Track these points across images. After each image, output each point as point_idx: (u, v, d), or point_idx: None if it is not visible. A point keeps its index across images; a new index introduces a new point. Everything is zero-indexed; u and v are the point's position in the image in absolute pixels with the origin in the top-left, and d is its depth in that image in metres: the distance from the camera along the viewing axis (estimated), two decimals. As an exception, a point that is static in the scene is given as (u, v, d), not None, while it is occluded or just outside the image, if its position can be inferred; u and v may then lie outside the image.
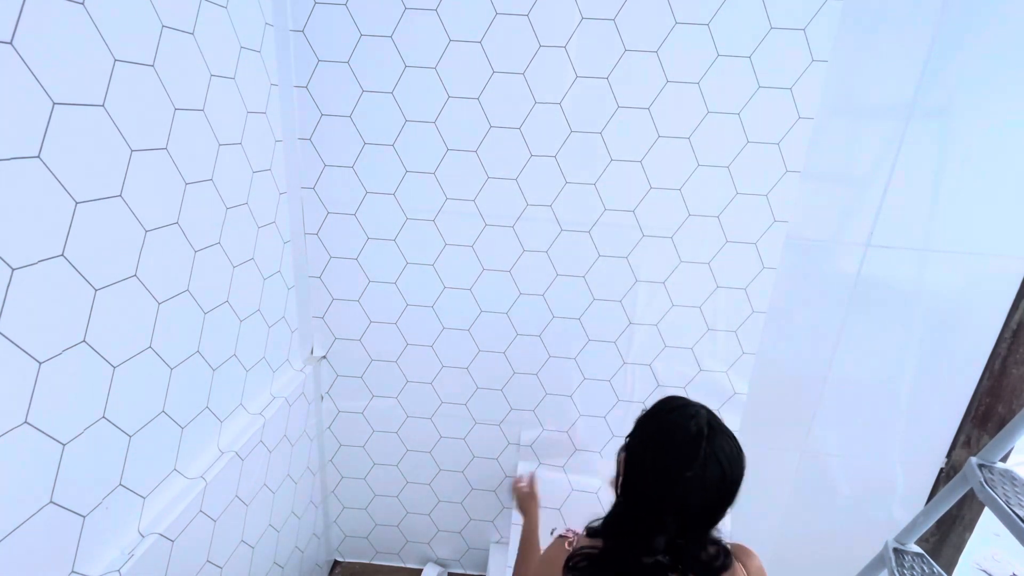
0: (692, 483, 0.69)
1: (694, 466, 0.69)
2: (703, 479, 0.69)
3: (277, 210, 1.21)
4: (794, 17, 1.11)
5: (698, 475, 0.69)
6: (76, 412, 0.72)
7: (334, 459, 1.61)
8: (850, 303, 1.36)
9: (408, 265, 1.36)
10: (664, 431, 0.74)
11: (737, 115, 1.18)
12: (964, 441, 1.46)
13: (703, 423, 0.72)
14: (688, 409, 0.75)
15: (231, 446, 1.07)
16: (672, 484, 0.70)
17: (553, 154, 1.24)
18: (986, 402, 1.41)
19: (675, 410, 0.76)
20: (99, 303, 0.73)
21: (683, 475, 0.69)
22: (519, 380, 1.46)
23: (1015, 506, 0.92)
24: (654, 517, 0.72)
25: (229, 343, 1.07)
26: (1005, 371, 1.37)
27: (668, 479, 0.71)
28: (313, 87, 1.21)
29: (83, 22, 0.67)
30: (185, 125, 0.86)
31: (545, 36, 1.15)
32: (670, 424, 0.74)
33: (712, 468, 0.70)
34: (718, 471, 0.70)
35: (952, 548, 1.57)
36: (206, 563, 1.01)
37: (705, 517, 0.73)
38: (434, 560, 1.78)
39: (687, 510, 0.71)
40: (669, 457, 0.71)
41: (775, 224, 1.26)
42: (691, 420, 0.73)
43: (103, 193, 0.72)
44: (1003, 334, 1.35)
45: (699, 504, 0.71)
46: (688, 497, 0.70)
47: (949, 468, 1.50)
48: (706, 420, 0.73)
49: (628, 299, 1.35)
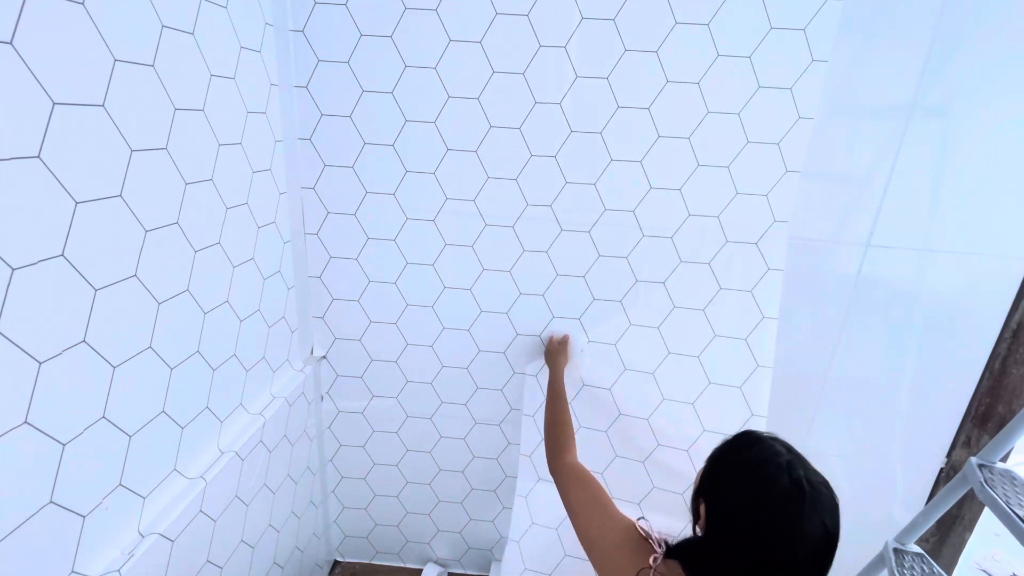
0: (798, 536, 0.63)
1: (798, 515, 0.63)
2: (805, 534, 0.63)
3: (277, 210, 1.21)
4: (794, 17, 1.11)
5: (802, 527, 0.62)
6: (76, 412, 0.72)
7: (334, 459, 1.61)
8: (850, 303, 1.36)
9: (408, 265, 1.36)
10: (759, 479, 0.67)
11: (737, 115, 1.18)
12: (964, 441, 1.46)
13: (797, 466, 0.66)
14: (775, 445, 0.70)
15: (231, 446, 1.07)
16: (779, 538, 0.63)
17: (553, 154, 1.24)
18: (986, 402, 1.41)
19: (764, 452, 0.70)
20: (99, 303, 0.73)
21: (785, 536, 0.63)
22: (519, 380, 1.46)
23: (1015, 506, 0.92)
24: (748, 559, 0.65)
25: (229, 343, 1.07)
26: (1005, 371, 1.37)
27: (774, 533, 0.63)
28: (313, 87, 1.21)
29: (83, 22, 0.67)
30: (185, 125, 0.86)
31: (545, 36, 1.15)
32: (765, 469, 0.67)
33: (815, 521, 0.63)
34: (820, 527, 0.63)
35: (952, 548, 1.57)
36: (206, 563, 1.01)
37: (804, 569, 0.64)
38: (434, 560, 1.78)
39: (788, 564, 0.63)
40: (769, 508, 0.64)
41: (775, 224, 1.26)
42: (784, 472, 0.66)
43: (103, 193, 0.72)
44: (1003, 334, 1.35)
45: (801, 558, 0.63)
46: (797, 552, 0.63)
47: (949, 468, 1.50)
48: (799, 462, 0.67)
49: (628, 299, 1.35)
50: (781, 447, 0.70)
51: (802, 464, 0.68)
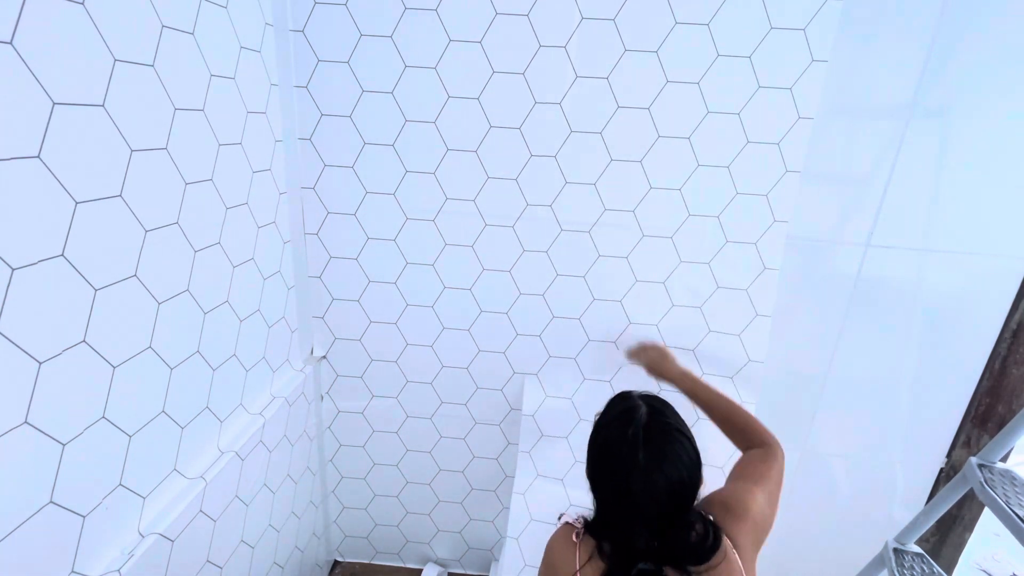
0: (642, 489, 0.70)
1: (635, 476, 0.70)
2: (652, 483, 0.70)
3: (277, 210, 1.21)
4: (794, 17, 1.11)
5: (647, 483, 0.70)
6: (76, 412, 0.72)
7: (334, 459, 1.61)
8: (850, 303, 1.36)
9: (408, 265, 1.36)
10: (603, 444, 0.76)
11: (737, 115, 1.18)
12: (964, 441, 1.46)
13: (640, 425, 0.73)
14: (627, 413, 0.76)
15: (231, 446, 1.07)
16: (626, 494, 0.71)
17: (553, 154, 1.24)
18: (986, 402, 1.41)
19: (614, 418, 0.77)
20: (99, 303, 0.73)
21: (630, 487, 0.70)
22: (519, 380, 1.46)
23: (1015, 506, 0.92)
24: (624, 525, 0.73)
25: (229, 343, 1.07)
26: (1005, 371, 1.37)
27: (619, 490, 0.72)
28: (313, 87, 1.21)
29: (83, 22, 0.67)
30: (185, 125, 0.86)
31: (545, 36, 1.15)
32: (607, 436, 0.76)
33: (655, 472, 0.70)
34: (662, 474, 0.70)
35: (952, 548, 1.57)
36: (206, 563, 1.01)
37: (673, 508, 0.72)
38: (434, 560, 1.78)
39: (650, 511, 0.71)
40: (613, 469, 0.73)
41: (775, 224, 1.26)
42: (628, 425, 0.73)
43: (103, 193, 0.72)
44: (1003, 334, 1.35)
45: (656, 506, 0.71)
46: (645, 502, 0.70)
47: (949, 468, 1.50)
48: (643, 420, 0.74)
49: (628, 299, 1.35)
50: (643, 406, 0.76)
51: (655, 419, 0.74)
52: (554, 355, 1.43)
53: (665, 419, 0.76)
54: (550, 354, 1.43)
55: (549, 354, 1.43)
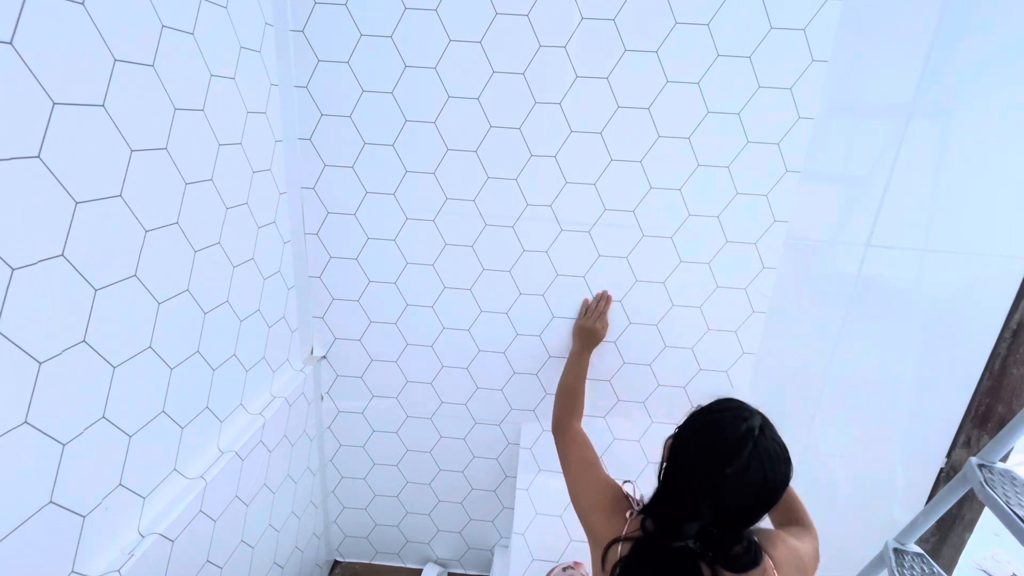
0: (731, 481, 0.71)
1: (735, 463, 0.70)
2: (743, 479, 0.71)
3: (277, 210, 1.21)
4: (794, 17, 1.11)
5: (738, 474, 0.70)
6: (76, 412, 0.72)
7: (334, 459, 1.61)
8: (850, 303, 1.36)
9: (408, 265, 1.36)
10: (713, 426, 0.76)
11: (737, 115, 1.18)
12: (964, 441, 1.46)
13: (755, 426, 0.74)
14: (743, 411, 0.77)
15: (231, 446, 1.07)
16: (712, 477, 0.72)
17: (553, 154, 1.24)
18: (986, 402, 1.41)
19: (730, 410, 0.78)
20: (99, 303, 0.73)
21: (723, 471, 0.71)
22: (519, 380, 1.46)
23: (1015, 506, 0.92)
24: (690, 505, 0.73)
25: (229, 343, 1.07)
26: (1005, 371, 1.37)
27: (709, 472, 0.72)
28: (313, 87, 1.21)
29: (83, 22, 0.67)
30: (185, 125, 0.86)
31: (545, 36, 1.15)
32: (721, 421, 0.76)
33: (754, 470, 0.71)
34: (760, 475, 0.71)
35: (952, 548, 1.57)
36: (206, 563, 1.01)
37: (741, 515, 0.74)
38: (434, 560, 1.78)
39: (723, 505, 0.72)
40: (714, 450, 0.73)
41: (775, 224, 1.26)
42: (743, 421, 0.74)
43: (103, 193, 0.72)
44: (1003, 334, 1.35)
45: (735, 502, 0.72)
46: (725, 493, 0.71)
47: (949, 468, 1.50)
48: (759, 424, 0.74)
49: (628, 299, 1.35)
50: (757, 414, 0.77)
51: (767, 426, 0.75)
52: (554, 355, 1.43)
53: (777, 436, 0.76)
54: (550, 354, 1.43)
55: (549, 354, 1.43)
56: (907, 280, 1.34)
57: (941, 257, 1.30)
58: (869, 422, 1.48)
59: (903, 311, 1.36)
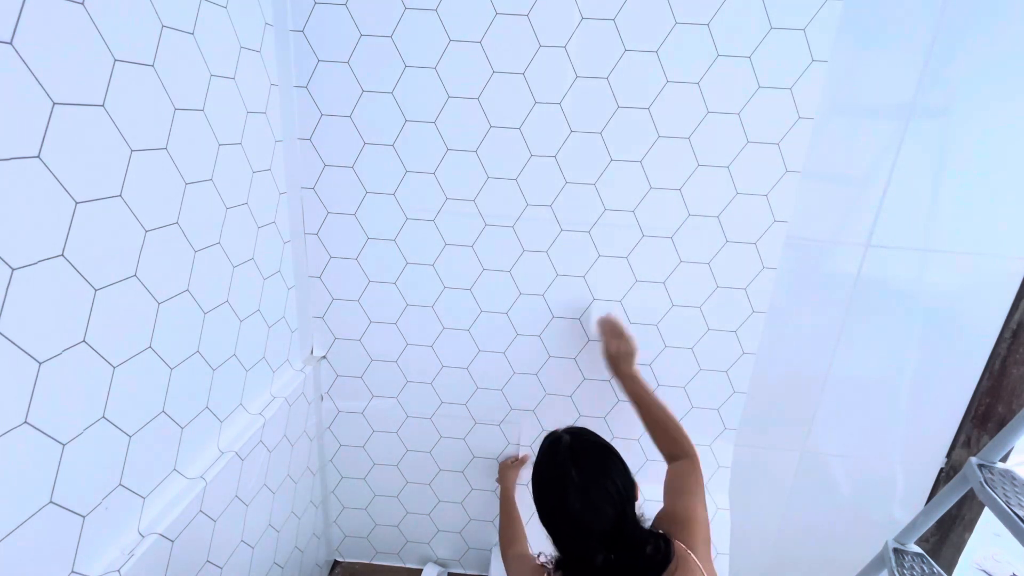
0: (584, 512, 0.76)
1: (571, 498, 0.76)
2: (589, 501, 0.76)
3: (277, 210, 1.21)
4: (794, 17, 1.11)
5: (584, 502, 0.76)
6: (76, 412, 0.72)
7: (334, 459, 1.61)
8: (850, 303, 1.36)
9: (408, 265, 1.36)
10: (538, 480, 0.83)
11: (737, 115, 1.18)
12: (964, 441, 1.46)
13: (566, 450, 0.81)
14: (554, 444, 0.84)
15: (231, 446, 1.07)
16: (571, 521, 0.77)
17: (553, 154, 1.24)
18: (986, 402, 1.41)
19: (541, 455, 0.85)
20: (99, 303, 0.73)
21: (571, 509, 0.76)
22: (519, 380, 1.46)
23: (1015, 506, 0.92)
24: (578, 547, 0.78)
25: (229, 343, 1.07)
26: (1005, 371, 1.37)
27: (564, 516, 0.77)
28: (313, 87, 1.21)
29: (83, 22, 0.67)
30: (185, 125, 0.86)
31: (545, 36, 1.15)
32: (538, 472, 0.84)
33: (593, 489, 0.76)
34: (601, 488, 0.77)
35: (952, 548, 1.57)
36: (206, 563, 1.01)
37: (615, 523, 0.77)
38: (434, 560, 1.78)
39: (599, 530, 0.76)
40: (551, 502, 0.79)
41: (775, 224, 1.26)
42: (552, 456, 0.81)
43: (103, 193, 0.72)
44: (1003, 334, 1.35)
45: (601, 520, 0.76)
46: (591, 523, 0.76)
47: (949, 468, 1.50)
48: (568, 445, 0.82)
49: (628, 299, 1.35)
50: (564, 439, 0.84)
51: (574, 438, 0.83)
52: (554, 355, 1.43)
53: (587, 438, 0.83)
54: (550, 354, 1.43)
55: (549, 354, 1.43)
56: (907, 280, 1.33)
57: (941, 257, 1.30)
58: (869, 422, 1.48)
59: (903, 311, 1.36)
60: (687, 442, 1.06)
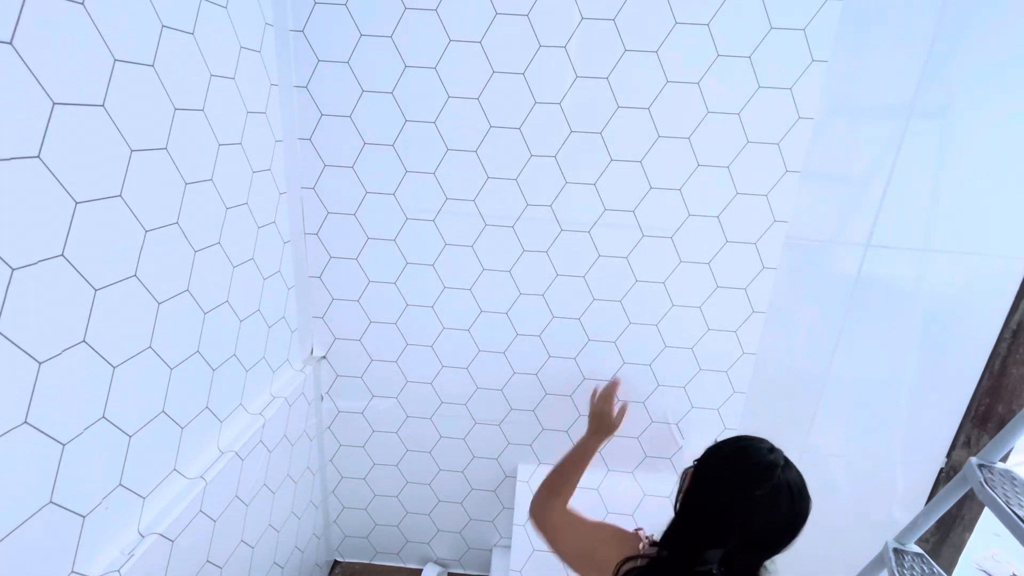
0: (760, 504, 0.70)
1: (765, 486, 0.70)
2: (772, 503, 0.71)
3: (277, 210, 1.21)
4: (794, 17, 1.11)
5: (767, 497, 0.70)
6: (76, 412, 0.72)
7: (334, 459, 1.61)
8: (850, 303, 1.36)
9: (408, 265, 1.36)
10: (742, 452, 0.77)
11: (737, 115, 1.18)
12: (964, 441, 1.46)
13: (780, 457, 0.75)
14: (767, 443, 0.78)
15: (231, 446, 1.07)
16: (741, 499, 0.71)
17: (553, 154, 1.24)
18: (986, 402, 1.41)
19: (755, 440, 0.79)
20: (99, 303, 0.73)
21: (753, 493, 0.71)
22: (519, 380, 1.46)
23: (1015, 506, 0.92)
24: (716, 530, 0.72)
25: (229, 343, 1.07)
26: (1005, 371, 1.37)
27: (738, 493, 0.72)
28: (313, 87, 1.21)
29: (83, 22, 0.67)
30: (185, 125, 0.86)
31: (545, 36, 1.15)
32: (749, 448, 0.77)
33: (783, 496, 0.71)
34: (787, 502, 0.71)
35: (952, 548, 1.57)
36: (206, 563, 1.01)
37: (765, 543, 0.73)
38: (434, 560, 1.78)
39: (749, 530, 0.71)
40: (744, 473, 0.73)
41: (775, 224, 1.26)
42: (769, 452, 0.76)
43: (103, 193, 0.72)
44: (1003, 334, 1.35)
45: (761, 527, 0.71)
46: (753, 517, 0.71)
47: (949, 468, 1.50)
48: (783, 458, 0.76)
49: (628, 299, 1.35)
50: (777, 448, 0.78)
51: (789, 461, 0.76)
52: (554, 355, 1.43)
53: (800, 473, 0.76)
54: (550, 354, 1.43)
55: (549, 354, 1.43)
56: (907, 280, 1.33)
57: (941, 257, 1.30)
58: (869, 422, 1.48)
59: (903, 311, 1.36)
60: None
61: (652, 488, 1.52)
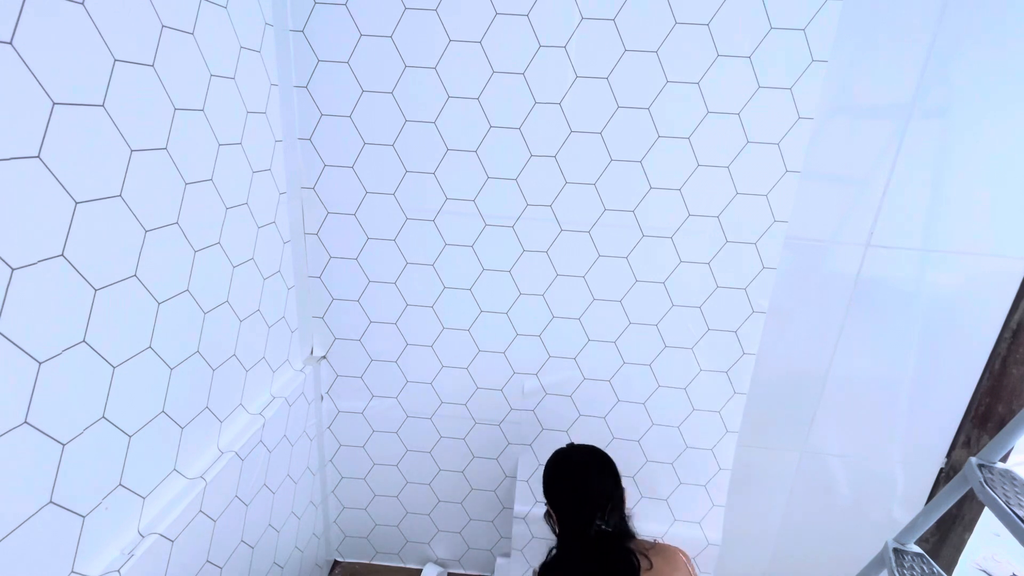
0: (577, 477, 1.02)
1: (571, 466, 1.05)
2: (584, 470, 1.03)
3: (277, 210, 1.21)
4: (794, 17, 1.11)
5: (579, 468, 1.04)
6: (76, 412, 0.72)
7: (334, 459, 1.61)
8: (850, 303, 1.36)
9: (408, 265, 1.36)
10: (550, 463, 1.08)
11: (737, 115, 1.18)
12: (964, 441, 1.46)
13: (567, 446, 1.10)
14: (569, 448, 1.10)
15: (231, 446, 1.07)
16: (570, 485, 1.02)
17: (553, 154, 1.24)
18: (986, 402, 1.41)
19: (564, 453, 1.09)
20: (99, 303, 0.73)
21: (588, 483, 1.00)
22: (519, 380, 1.46)
23: (1015, 506, 0.92)
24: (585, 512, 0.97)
25: (229, 343, 1.07)
26: (1005, 371, 1.37)
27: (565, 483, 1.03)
28: (313, 87, 1.21)
29: (83, 22, 0.67)
30: (185, 125, 0.86)
31: (545, 36, 1.15)
32: (553, 458, 1.08)
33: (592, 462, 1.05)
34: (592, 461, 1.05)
35: (952, 548, 1.57)
36: (206, 563, 1.01)
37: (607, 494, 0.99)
38: (434, 560, 1.78)
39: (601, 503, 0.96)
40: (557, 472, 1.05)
41: (775, 224, 1.26)
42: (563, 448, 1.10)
43: (103, 193, 0.72)
44: (1003, 334, 1.35)
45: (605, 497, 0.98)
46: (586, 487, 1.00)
47: (949, 468, 1.50)
48: (570, 445, 1.11)
49: (628, 299, 1.35)
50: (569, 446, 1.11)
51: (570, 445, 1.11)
52: (554, 355, 1.43)
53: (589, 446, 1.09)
54: (550, 354, 1.43)
55: (549, 354, 1.43)
56: (907, 280, 1.34)
57: (941, 257, 1.30)
58: (869, 422, 1.48)
59: (903, 311, 1.36)
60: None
61: (651, 489, 1.52)
